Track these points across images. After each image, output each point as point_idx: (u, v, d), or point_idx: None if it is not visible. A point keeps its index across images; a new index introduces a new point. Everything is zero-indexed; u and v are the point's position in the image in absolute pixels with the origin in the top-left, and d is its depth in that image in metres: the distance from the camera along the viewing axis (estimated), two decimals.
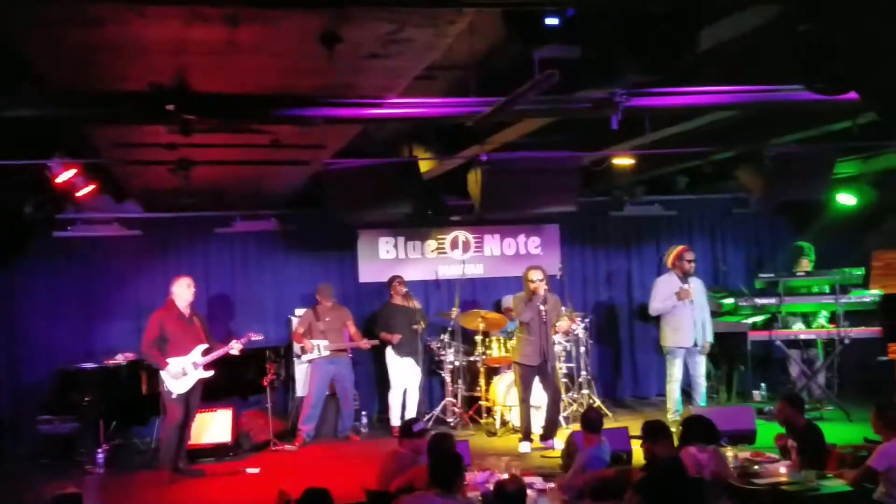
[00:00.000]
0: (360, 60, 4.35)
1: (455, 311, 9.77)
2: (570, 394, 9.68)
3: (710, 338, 9.15)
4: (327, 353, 9.14)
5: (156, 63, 4.44)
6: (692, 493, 5.19)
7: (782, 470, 5.92)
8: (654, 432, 5.68)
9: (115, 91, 4.89)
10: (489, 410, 9.59)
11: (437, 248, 10.83)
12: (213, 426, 8.70)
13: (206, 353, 7.82)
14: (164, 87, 4.77)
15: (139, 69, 4.52)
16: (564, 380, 9.62)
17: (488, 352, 9.74)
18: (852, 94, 3.87)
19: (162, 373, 7.68)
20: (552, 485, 6.46)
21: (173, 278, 8.04)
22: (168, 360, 7.64)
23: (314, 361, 9.16)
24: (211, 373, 7.84)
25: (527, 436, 8.44)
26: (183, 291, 7.86)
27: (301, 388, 9.54)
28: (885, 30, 3.38)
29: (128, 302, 9.78)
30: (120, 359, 8.86)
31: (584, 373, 9.93)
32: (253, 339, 8.28)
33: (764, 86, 5.40)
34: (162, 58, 4.36)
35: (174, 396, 7.67)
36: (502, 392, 9.29)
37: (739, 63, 4.98)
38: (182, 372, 7.67)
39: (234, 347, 8.01)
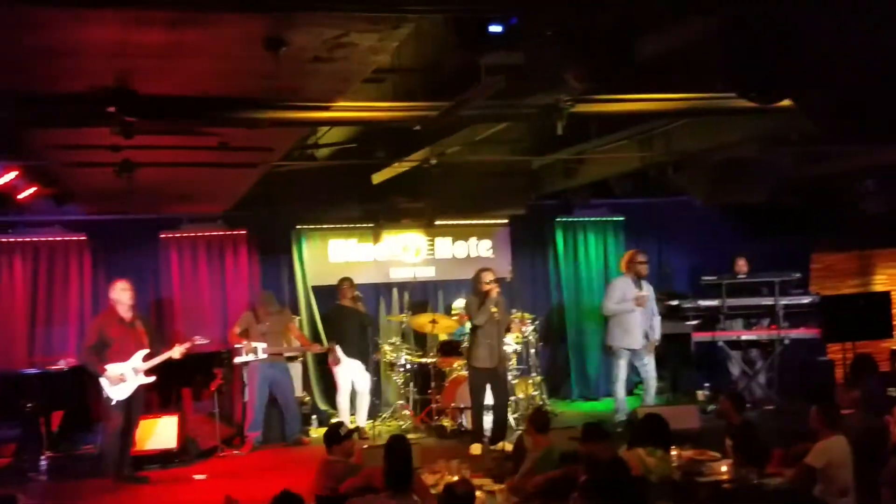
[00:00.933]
0: (306, 64, 4.34)
1: (407, 314, 9.78)
2: (519, 395, 9.76)
3: (657, 336, 9.29)
4: (265, 356, 9.03)
5: (96, 65, 4.38)
6: (635, 493, 5.27)
7: (724, 468, 6.04)
8: (593, 434, 5.76)
9: (56, 93, 4.81)
10: (441, 413, 9.61)
11: (389, 251, 10.82)
12: (159, 432, 8.57)
13: (147, 358, 7.70)
14: (105, 89, 4.71)
15: (79, 71, 4.46)
16: (514, 381, 9.70)
17: (440, 354, 9.77)
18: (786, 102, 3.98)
19: (101, 379, 7.55)
20: (502, 486, 6.50)
21: (112, 282, 7.91)
22: (106, 367, 7.51)
23: (252, 365, 9.06)
24: (152, 378, 7.72)
25: (478, 438, 8.48)
26: (120, 296, 7.73)
27: (248, 393, 9.46)
28: (817, 41, 3.49)
29: (71, 306, 9.60)
30: (63, 364, 8.68)
31: (533, 374, 10.02)
32: (197, 342, 8.17)
33: (703, 94, 5.53)
34: (102, 60, 4.30)
35: (114, 403, 7.54)
36: (454, 394, 9.33)
37: (681, 71, 5.08)
38: (121, 378, 7.54)
39: (177, 352, 7.90)
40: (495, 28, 3.73)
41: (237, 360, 9.10)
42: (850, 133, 3.78)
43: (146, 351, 7.73)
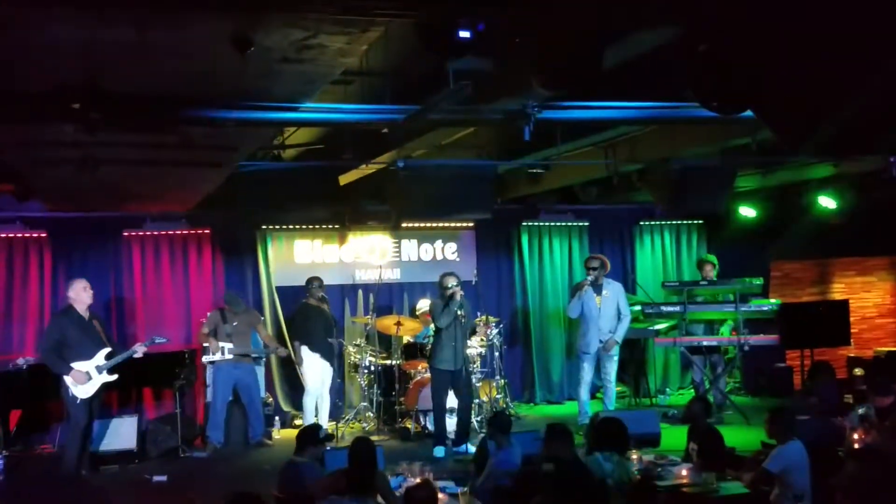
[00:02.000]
0: (273, 65, 4.33)
1: (371, 316, 9.78)
2: (483, 398, 9.79)
3: (618, 337, 9.35)
4: (231, 356, 8.98)
5: (62, 62, 4.34)
6: (596, 494, 5.34)
7: (683, 472, 6.12)
8: (556, 434, 5.81)
9: (19, 89, 4.75)
10: (404, 415, 9.62)
11: (355, 253, 10.81)
12: (119, 432, 8.49)
13: (109, 356, 7.64)
14: (70, 86, 4.66)
15: (44, 68, 4.40)
16: (478, 384, 9.74)
17: (404, 356, 9.78)
18: (748, 113, 4.05)
19: (65, 378, 7.47)
20: (465, 489, 6.53)
21: (71, 281, 7.82)
22: (72, 365, 7.44)
23: (217, 365, 9.00)
24: (115, 377, 7.67)
25: (441, 440, 8.50)
26: (80, 295, 7.67)
27: (210, 394, 9.39)
28: (778, 51, 3.57)
29: (31, 304, 9.44)
30: (21, 362, 8.56)
31: (497, 377, 10.07)
32: (157, 342, 8.12)
33: (667, 102, 5.62)
34: (68, 57, 4.25)
35: (79, 402, 7.47)
36: (417, 397, 9.34)
37: (645, 80, 5.16)
38: (87, 376, 7.48)
39: (138, 351, 7.84)
40: (464, 33, 3.75)
41: (204, 359, 9.05)
42: (809, 144, 3.86)
43: (108, 349, 7.67)
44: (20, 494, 7.45)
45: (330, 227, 10.53)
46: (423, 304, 10.13)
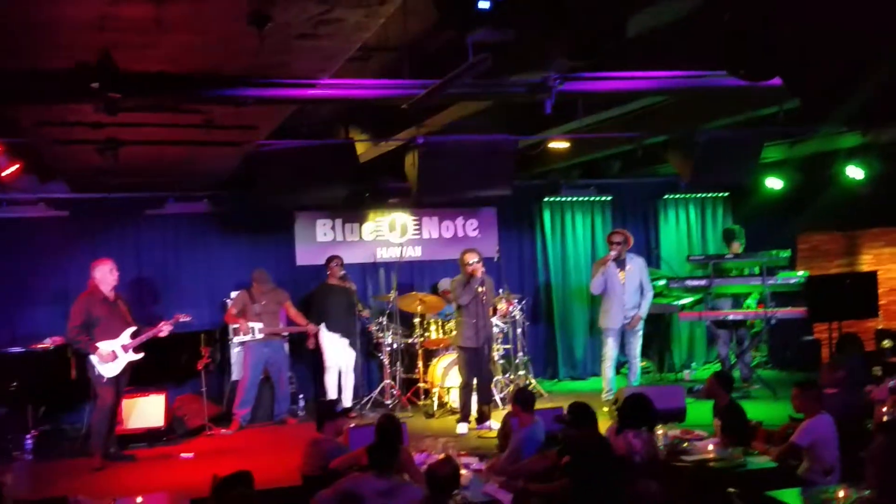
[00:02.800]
0: (291, 41, 4.29)
1: (393, 294, 9.77)
2: (506, 375, 9.78)
3: (642, 313, 9.28)
4: (261, 335, 9.05)
5: (80, 40, 4.32)
6: (618, 473, 5.32)
7: (710, 447, 6.08)
8: (579, 416, 5.79)
9: (38, 68, 4.74)
10: (427, 392, 9.63)
11: (375, 231, 10.79)
12: (146, 411, 8.57)
13: (134, 335, 7.69)
14: (89, 65, 4.64)
15: (63, 46, 4.39)
16: (501, 361, 9.72)
17: (426, 334, 9.78)
18: (776, 81, 3.95)
19: (91, 357, 7.53)
20: (488, 465, 6.52)
21: (94, 262, 7.87)
22: (98, 345, 7.50)
23: (247, 344, 9.07)
24: (141, 355, 7.72)
25: (464, 417, 8.51)
26: (105, 276, 7.72)
27: (236, 372, 9.45)
28: (806, 19, 3.47)
29: (55, 285, 9.52)
30: (48, 343, 8.65)
31: (520, 354, 10.05)
32: (181, 320, 8.15)
33: (692, 71, 5.51)
34: (86, 35, 4.23)
35: (105, 381, 7.54)
36: (440, 374, 9.35)
37: (668, 49, 5.06)
38: (112, 355, 7.54)
39: (163, 329, 7.88)
40: (483, 4, 3.68)
41: (235, 340, 9.09)
42: (837, 113, 3.76)
43: (134, 328, 7.72)
44: (48, 473, 7.53)
45: (350, 205, 10.51)
46: (444, 283, 10.12)
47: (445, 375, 9.28)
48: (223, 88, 5.05)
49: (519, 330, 10.06)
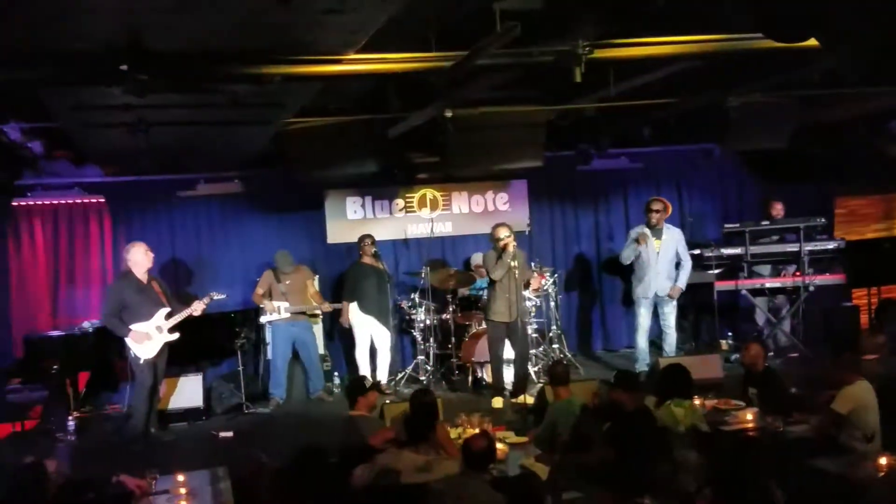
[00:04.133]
0: (318, 16, 4.24)
1: (425, 270, 9.77)
2: (540, 348, 9.75)
3: (681, 284, 9.21)
4: (287, 315, 9.09)
5: (108, 22, 4.31)
6: (658, 442, 5.28)
7: (749, 416, 6.03)
8: (624, 383, 5.75)
9: (66, 51, 4.76)
10: (461, 368, 9.64)
11: (406, 207, 10.77)
12: (185, 390, 8.70)
13: (168, 316, 7.77)
14: (115, 47, 4.65)
15: (89, 28, 4.39)
16: (535, 335, 9.69)
17: (459, 309, 9.77)
18: (812, 42, 3.85)
19: (127, 340, 7.62)
20: (525, 439, 6.53)
21: (127, 245, 7.94)
22: (131, 327, 7.59)
23: (275, 324, 9.12)
24: (176, 335, 7.80)
25: (499, 391, 8.51)
26: (141, 258, 7.78)
27: (271, 352, 9.52)
28: None
29: (93, 268, 9.68)
30: (87, 325, 8.78)
31: (553, 327, 10.01)
32: (215, 298, 8.19)
33: (724, 34, 5.38)
34: (113, 17, 4.23)
35: (142, 362, 7.64)
36: (473, 349, 9.34)
37: (700, 12, 4.94)
38: (147, 337, 7.62)
39: (197, 308, 7.94)
40: None
41: (262, 319, 9.16)
42: (877, 74, 3.65)
43: (167, 309, 7.80)
44: (91, 454, 7.67)
45: (380, 181, 10.48)
46: (477, 258, 10.09)
47: (478, 350, 9.27)
48: (251, 66, 5.03)
49: (552, 303, 10.01)
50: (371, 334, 9.48)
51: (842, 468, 4.85)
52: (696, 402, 6.21)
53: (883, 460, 4.67)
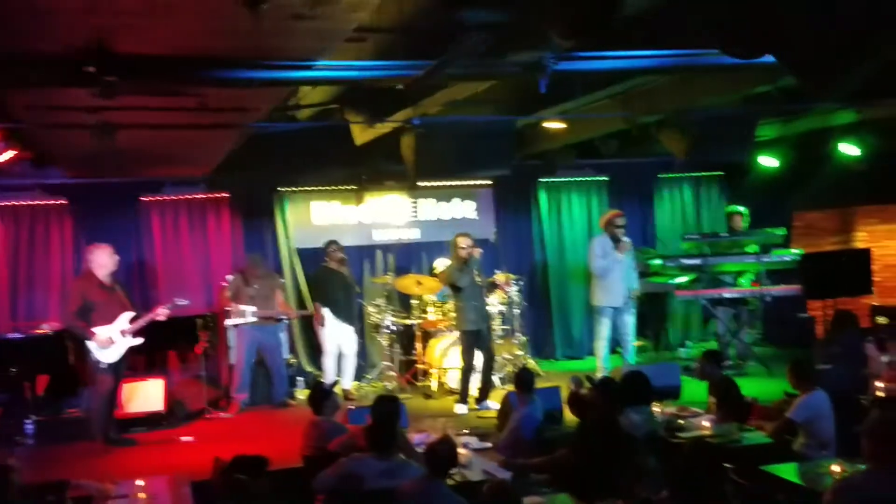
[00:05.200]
0: (286, 22, 4.27)
1: (391, 276, 9.79)
2: (504, 355, 9.83)
3: (635, 286, 9.42)
4: (254, 319, 9.05)
5: (74, 24, 4.30)
6: (624, 450, 5.36)
7: (706, 423, 6.12)
8: (607, 389, 5.84)
9: (32, 53, 4.73)
10: (426, 373, 9.68)
11: (373, 213, 10.79)
12: (145, 395, 8.60)
13: (132, 320, 7.71)
14: (84, 49, 4.63)
15: (57, 31, 4.37)
16: (499, 341, 9.76)
17: (424, 315, 9.81)
18: (769, 58, 3.96)
19: (89, 343, 7.55)
20: (488, 444, 6.58)
21: (90, 246, 7.87)
22: (94, 330, 7.52)
23: (241, 328, 9.08)
24: (140, 340, 7.74)
25: (464, 399, 8.56)
26: (106, 260, 7.71)
27: (235, 356, 9.47)
28: None
29: (53, 271, 9.56)
30: (46, 328, 8.67)
31: (517, 334, 10.09)
32: (178, 303, 8.14)
33: (686, 50, 5.51)
34: (80, 19, 4.22)
35: (103, 366, 7.56)
36: (439, 355, 9.39)
37: (664, 28, 5.05)
38: (110, 341, 7.56)
39: (161, 314, 7.89)
40: None
41: (227, 323, 9.10)
42: (833, 89, 3.77)
43: (132, 313, 7.73)
44: (50, 458, 7.57)
45: (347, 187, 10.50)
46: (439, 264, 10.14)
47: (444, 356, 9.32)
48: (219, 71, 5.04)
49: (516, 310, 10.10)
50: (339, 340, 9.49)
51: (796, 475, 4.96)
52: (656, 408, 6.30)
53: (837, 467, 4.78)
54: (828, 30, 3.46)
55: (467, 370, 8.57)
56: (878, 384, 6.34)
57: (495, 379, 9.18)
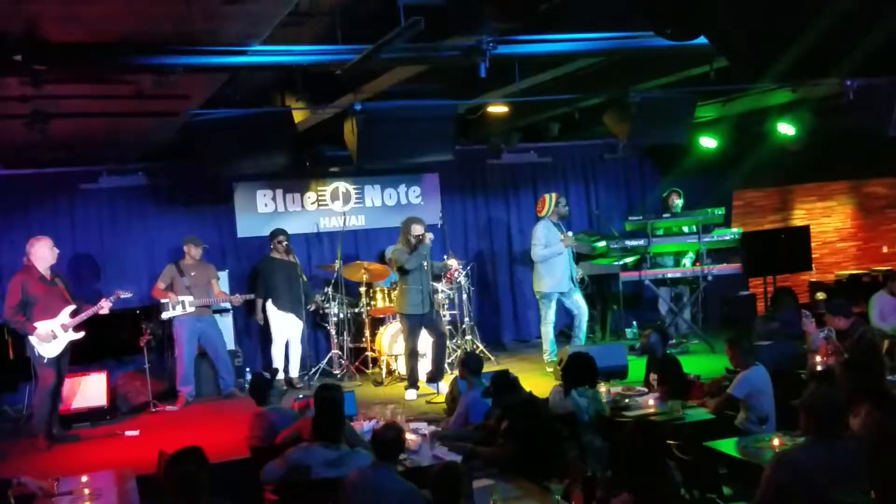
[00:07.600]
0: (218, 6, 4.20)
1: (338, 264, 9.74)
2: (454, 340, 9.85)
3: (576, 270, 9.64)
4: (192, 309, 8.89)
5: (1, 11, 4.17)
6: (557, 433, 5.46)
7: (650, 402, 6.24)
8: (500, 385, 5.91)
9: None
10: (375, 361, 9.66)
11: (318, 200, 10.69)
12: (88, 390, 8.43)
13: (74, 314, 7.55)
14: (10, 37, 4.49)
15: None
16: (448, 327, 9.78)
17: (372, 303, 9.78)
18: (704, 40, 4.01)
19: (30, 338, 7.37)
20: (437, 429, 6.59)
21: (31, 239, 7.67)
22: (35, 325, 7.35)
23: (179, 319, 8.91)
24: (81, 334, 7.58)
25: (413, 384, 8.56)
26: (46, 254, 7.52)
27: (178, 348, 9.32)
28: None
29: None
30: None
31: (466, 319, 10.12)
32: (122, 296, 7.98)
33: (623, 33, 5.55)
34: (6, 5, 4.09)
35: (45, 361, 7.39)
36: (388, 342, 9.38)
37: (601, 10, 5.09)
38: (52, 335, 7.39)
39: (104, 307, 7.73)
40: None
41: (164, 315, 8.92)
42: (764, 70, 3.83)
43: (73, 307, 7.57)
44: None
45: (291, 174, 10.38)
46: (390, 252, 10.10)
47: (393, 343, 9.31)
48: (151, 57, 4.94)
49: (465, 295, 10.12)
50: (285, 329, 9.41)
51: (737, 450, 5.07)
52: (602, 389, 6.39)
53: (776, 440, 4.90)
54: (755, 11, 3.51)
55: (412, 354, 8.56)
56: (816, 359, 6.50)
57: (446, 364, 9.19)
